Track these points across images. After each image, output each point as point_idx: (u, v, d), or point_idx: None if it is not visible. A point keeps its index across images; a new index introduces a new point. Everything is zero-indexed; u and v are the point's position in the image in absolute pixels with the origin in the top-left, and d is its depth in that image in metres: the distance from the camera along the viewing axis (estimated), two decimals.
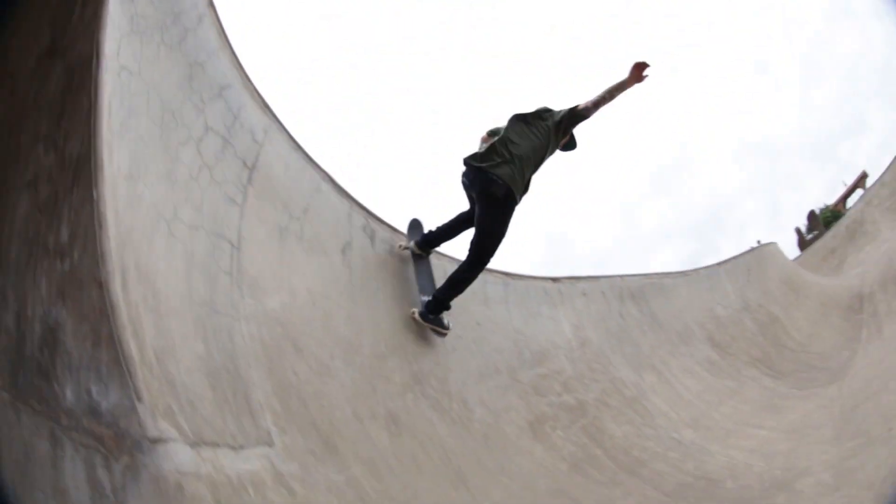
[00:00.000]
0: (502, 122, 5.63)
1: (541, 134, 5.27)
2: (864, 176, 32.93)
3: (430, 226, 6.12)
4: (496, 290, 6.98)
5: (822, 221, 33.08)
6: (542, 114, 5.37)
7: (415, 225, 6.08)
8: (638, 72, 4.93)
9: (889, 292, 13.11)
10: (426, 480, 4.25)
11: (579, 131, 5.62)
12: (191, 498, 2.21)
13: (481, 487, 4.51)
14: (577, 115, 5.21)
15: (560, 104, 5.66)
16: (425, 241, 5.89)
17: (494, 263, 5.83)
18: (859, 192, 31.36)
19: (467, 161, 5.27)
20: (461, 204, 5.94)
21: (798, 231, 33.81)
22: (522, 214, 5.61)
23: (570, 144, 5.55)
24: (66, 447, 2.06)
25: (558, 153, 5.59)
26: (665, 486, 6.15)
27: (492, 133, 5.63)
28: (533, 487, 5.14)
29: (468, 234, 5.63)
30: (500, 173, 5.07)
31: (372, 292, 5.40)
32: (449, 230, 5.82)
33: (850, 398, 8.58)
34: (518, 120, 5.35)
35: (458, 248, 6.07)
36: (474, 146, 5.79)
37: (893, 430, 6.37)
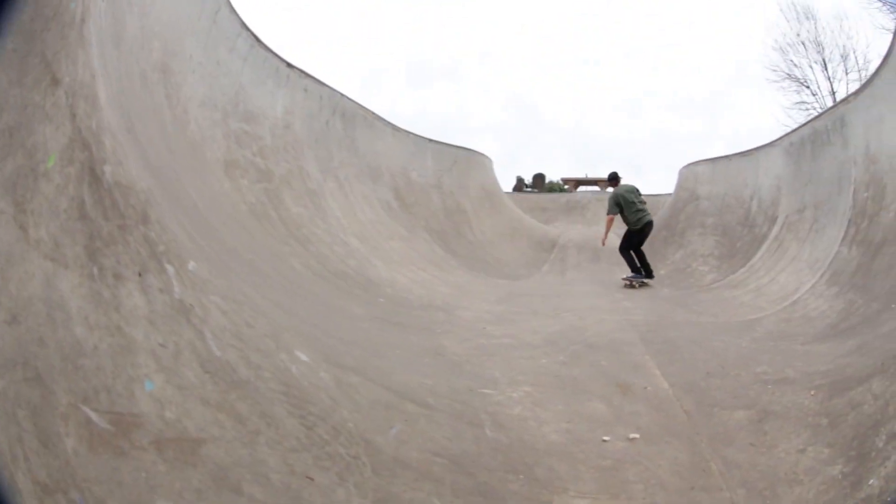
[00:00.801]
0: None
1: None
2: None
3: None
4: (244, 44, 8.25)
5: (544, 186, 37.65)
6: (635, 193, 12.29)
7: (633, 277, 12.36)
8: None
9: (583, 254, 16.53)
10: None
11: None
12: None
13: (180, 177, 5.61)
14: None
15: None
16: (639, 273, 12.29)
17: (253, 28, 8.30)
18: (596, 188, 36.77)
19: (644, 221, 12.11)
20: None
21: (520, 179, 38.20)
22: None
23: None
24: None
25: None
26: (329, 266, 7.63)
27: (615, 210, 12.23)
28: (219, 208, 6.38)
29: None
30: (650, 219, 12.25)
31: None
32: (635, 259, 12.35)
33: (522, 289, 10.98)
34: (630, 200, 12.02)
35: None
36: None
37: (560, 313, 8.17)
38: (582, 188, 38.47)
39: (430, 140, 16.04)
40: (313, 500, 2.29)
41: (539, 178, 39.26)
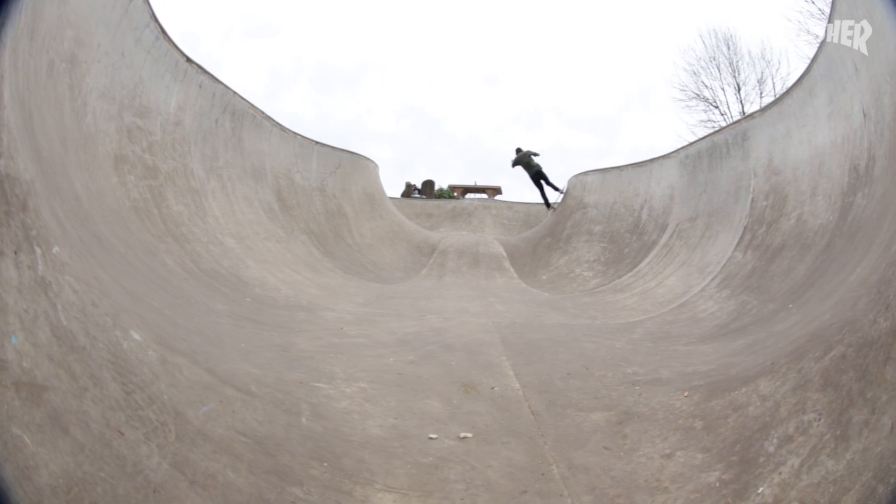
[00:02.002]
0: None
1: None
2: (497, 189, 39.71)
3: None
4: (149, 36, 8.48)
5: (434, 192, 38.51)
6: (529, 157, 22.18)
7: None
8: None
9: (462, 259, 17.05)
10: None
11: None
12: None
13: (68, 170, 5.97)
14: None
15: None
16: (548, 205, 22.66)
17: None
18: (483, 196, 37.81)
19: (532, 172, 22.30)
20: None
21: (409, 185, 38.81)
22: None
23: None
24: None
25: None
26: (202, 265, 8.05)
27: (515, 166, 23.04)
28: (103, 202, 6.74)
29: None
30: (538, 170, 22.09)
31: None
32: (545, 193, 22.60)
33: (394, 292, 11.45)
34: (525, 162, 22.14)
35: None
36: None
37: (424, 315, 8.57)
38: (469, 195, 39.35)
39: (317, 142, 16.39)
40: (120, 450, 2.65)
41: (428, 184, 39.89)
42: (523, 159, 21.89)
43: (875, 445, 2.74)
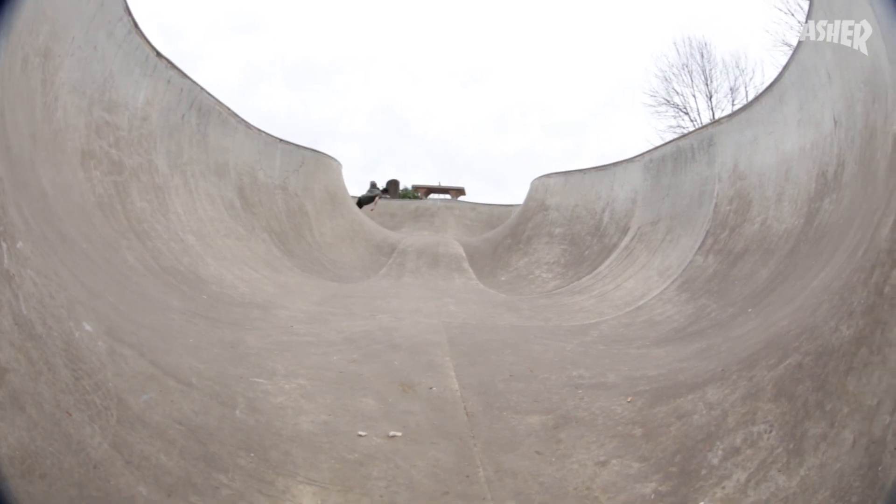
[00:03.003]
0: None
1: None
2: (460, 190, 40.27)
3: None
4: (122, 30, 8.65)
5: (398, 192, 39.07)
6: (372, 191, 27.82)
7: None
8: None
9: (422, 260, 17.23)
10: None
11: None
12: None
13: (36, 166, 6.23)
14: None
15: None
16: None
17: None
18: (447, 196, 38.48)
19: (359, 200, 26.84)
20: None
21: (374, 184, 39.29)
22: None
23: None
24: None
25: None
26: (162, 261, 8.26)
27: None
28: (68, 198, 6.93)
29: None
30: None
31: None
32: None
33: (350, 291, 11.65)
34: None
35: None
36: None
37: (376, 315, 8.73)
38: (433, 196, 40.35)
39: (281, 140, 16.64)
40: (67, 429, 2.86)
41: (393, 183, 40.35)
42: (371, 191, 27.80)
43: (834, 461, 2.65)
